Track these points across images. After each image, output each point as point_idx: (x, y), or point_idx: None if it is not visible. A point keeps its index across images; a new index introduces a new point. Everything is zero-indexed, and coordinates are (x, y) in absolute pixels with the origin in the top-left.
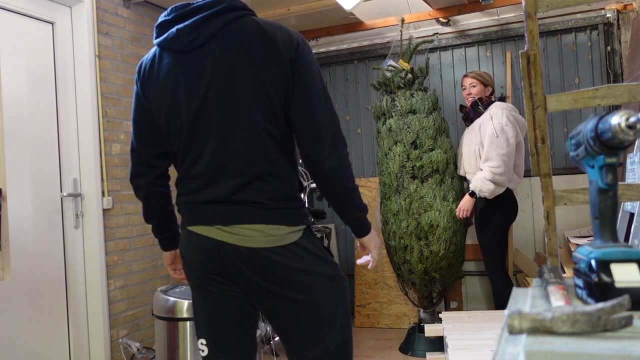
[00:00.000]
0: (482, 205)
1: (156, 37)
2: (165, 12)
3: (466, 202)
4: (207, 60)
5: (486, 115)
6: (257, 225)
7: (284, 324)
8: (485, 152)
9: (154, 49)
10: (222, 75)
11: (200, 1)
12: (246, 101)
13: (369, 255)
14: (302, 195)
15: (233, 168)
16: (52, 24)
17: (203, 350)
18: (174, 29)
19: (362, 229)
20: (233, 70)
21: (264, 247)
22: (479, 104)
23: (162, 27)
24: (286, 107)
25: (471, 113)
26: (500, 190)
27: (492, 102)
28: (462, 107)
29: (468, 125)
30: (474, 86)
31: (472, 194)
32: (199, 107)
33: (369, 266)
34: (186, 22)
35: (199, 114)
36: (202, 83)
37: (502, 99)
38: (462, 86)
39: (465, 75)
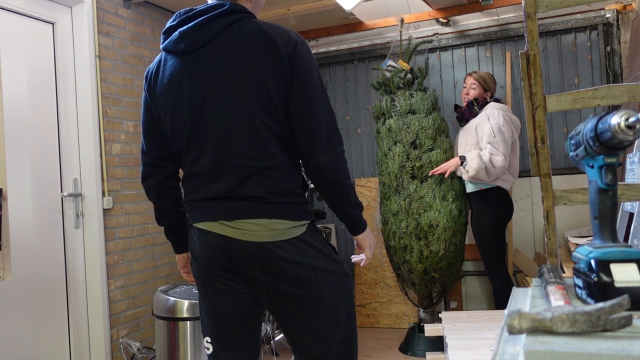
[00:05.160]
0: (478, 206)
1: (162, 42)
2: (171, 19)
3: (450, 162)
4: (208, 61)
5: (482, 115)
6: (259, 220)
7: (287, 320)
8: (490, 150)
9: (160, 54)
10: (223, 74)
11: (202, 5)
12: (246, 98)
13: (364, 254)
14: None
15: (233, 163)
16: (52, 24)
17: (208, 349)
18: (176, 32)
19: (357, 226)
20: (233, 69)
21: (267, 241)
22: (474, 104)
23: (168, 33)
24: (285, 104)
25: (466, 113)
26: (484, 177)
27: (487, 103)
28: (456, 106)
29: (462, 126)
30: (473, 88)
31: (462, 159)
32: (200, 105)
33: (362, 264)
34: (188, 25)
35: (201, 113)
36: (204, 82)
37: (497, 100)
38: (463, 83)
39: (469, 74)
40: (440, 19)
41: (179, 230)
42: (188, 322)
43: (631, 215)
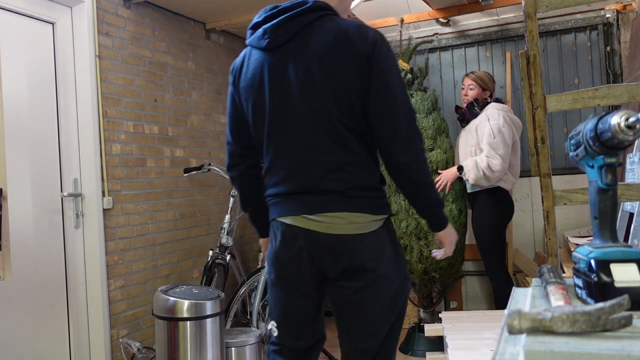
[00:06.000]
0: (478, 206)
1: (248, 38)
2: (257, 15)
3: (448, 173)
4: (289, 58)
5: (482, 116)
6: (341, 213)
7: (344, 311)
8: (487, 152)
9: (246, 49)
10: (302, 71)
11: (287, 3)
12: (324, 96)
13: (443, 250)
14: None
15: (313, 159)
16: (52, 24)
17: (274, 331)
18: (261, 29)
19: (438, 223)
20: (312, 66)
21: (348, 233)
22: (475, 104)
23: (253, 28)
24: (363, 102)
25: (467, 114)
26: (484, 183)
27: (487, 103)
28: (457, 107)
29: (464, 126)
30: (471, 89)
31: (460, 169)
32: (281, 101)
33: (438, 256)
34: (272, 22)
35: (280, 109)
36: (284, 79)
37: (498, 100)
38: (462, 84)
39: (466, 75)
40: (440, 19)
41: (263, 215)
42: (188, 322)
43: (631, 215)
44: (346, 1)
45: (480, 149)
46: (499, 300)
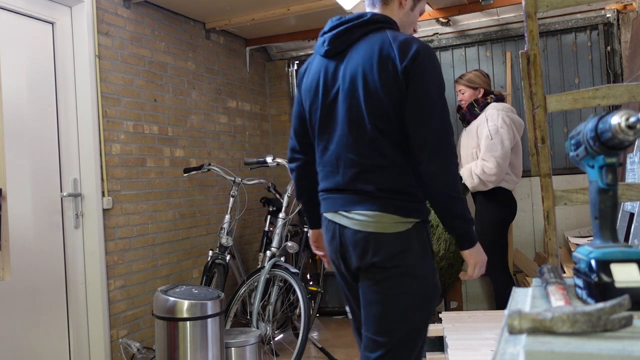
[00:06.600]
0: (480, 206)
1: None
2: (326, 24)
3: None
4: (342, 65)
5: (482, 117)
6: (369, 212)
7: (366, 303)
8: (482, 154)
9: (312, 55)
10: (350, 78)
11: (350, 15)
12: (362, 103)
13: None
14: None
15: (350, 159)
16: (52, 24)
17: (349, 313)
18: (323, 37)
19: (463, 240)
20: (357, 75)
21: (372, 231)
22: (475, 105)
23: (320, 37)
24: (400, 111)
25: (467, 115)
26: (483, 188)
27: (488, 104)
28: (459, 107)
29: (465, 127)
30: (463, 93)
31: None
32: (330, 104)
33: (462, 277)
34: (333, 32)
35: (328, 111)
36: (335, 84)
37: (499, 99)
38: (455, 91)
39: (455, 81)
40: (441, 19)
41: (315, 208)
42: (188, 322)
43: (631, 215)
44: (412, 15)
45: (480, 149)
46: (499, 301)
